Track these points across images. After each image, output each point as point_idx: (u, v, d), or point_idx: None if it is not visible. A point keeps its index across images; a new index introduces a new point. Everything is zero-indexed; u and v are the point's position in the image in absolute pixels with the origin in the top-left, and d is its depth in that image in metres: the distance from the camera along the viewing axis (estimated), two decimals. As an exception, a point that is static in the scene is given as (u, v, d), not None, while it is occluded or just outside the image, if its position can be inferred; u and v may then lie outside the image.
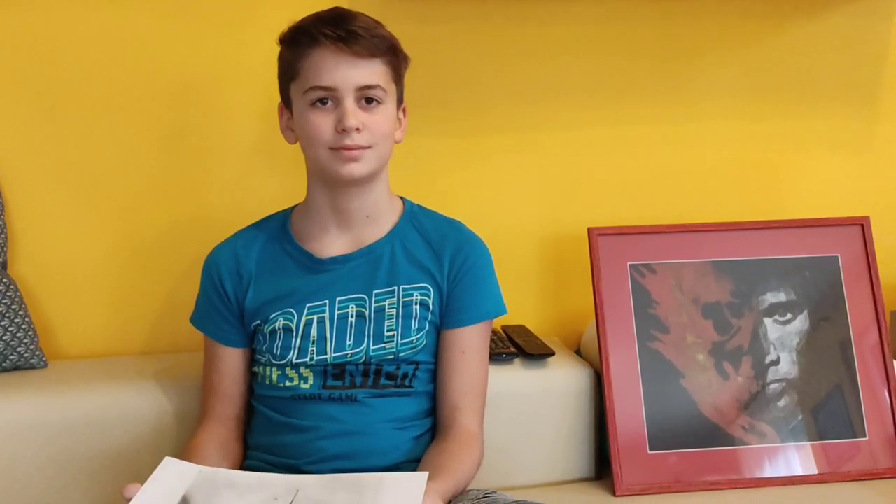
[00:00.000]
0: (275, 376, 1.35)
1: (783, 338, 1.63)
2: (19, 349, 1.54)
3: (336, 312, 1.34)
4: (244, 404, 1.40)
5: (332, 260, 1.36)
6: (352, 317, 1.34)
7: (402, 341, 1.33)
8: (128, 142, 1.66)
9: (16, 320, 1.54)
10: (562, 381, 1.59)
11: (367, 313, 1.34)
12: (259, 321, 1.36)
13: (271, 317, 1.34)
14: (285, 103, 1.36)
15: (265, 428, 1.36)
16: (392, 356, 1.33)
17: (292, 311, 1.34)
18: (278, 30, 1.34)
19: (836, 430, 1.59)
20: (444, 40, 1.72)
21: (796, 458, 1.57)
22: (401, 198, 1.42)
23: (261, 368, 1.37)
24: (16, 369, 1.56)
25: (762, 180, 1.87)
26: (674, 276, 1.63)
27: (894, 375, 1.62)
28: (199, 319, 1.42)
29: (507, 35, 1.75)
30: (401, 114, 1.38)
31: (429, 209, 1.43)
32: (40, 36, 1.61)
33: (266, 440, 1.36)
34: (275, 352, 1.34)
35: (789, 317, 1.64)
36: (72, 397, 1.47)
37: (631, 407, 1.56)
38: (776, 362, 1.61)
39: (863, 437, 1.59)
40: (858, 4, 1.83)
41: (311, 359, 1.33)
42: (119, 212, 1.67)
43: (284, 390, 1.34)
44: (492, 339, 1.51)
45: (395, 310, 1.33)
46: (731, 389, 1.59)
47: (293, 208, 1.42)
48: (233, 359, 1.39)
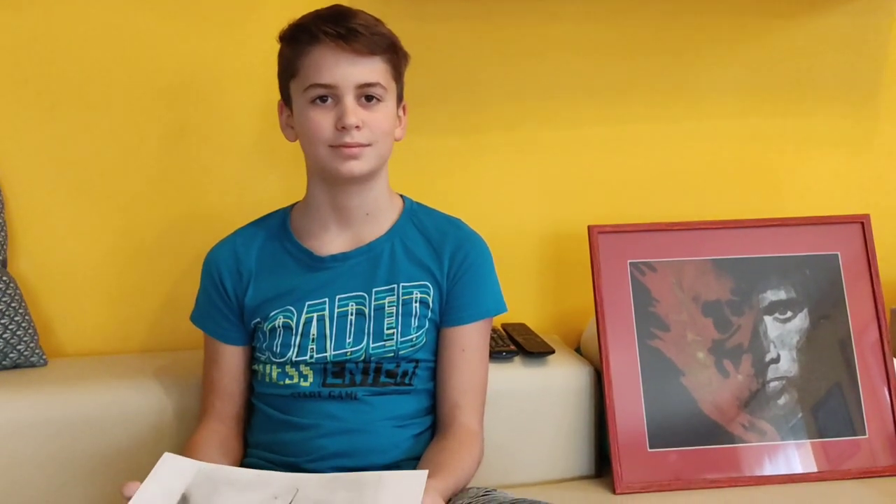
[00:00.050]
0: (274, 374, 1.35)
1: (783, 336, 1.63)
2: (19, 347, 1.54)
3: (336, 310, 1.33)
4: (244, 402, 1.40)
5: (332, 258, 1.36)
6: (352, 314, 1.34)
7: (402, 339, 1.33)
8: (128, 140, 1.66)
9: (16, 318, 1.54)
10: (562, 379, 1.59)
11: (366, 311, 1.34)
12: (259, 319, 1.36)
13: (271, 314, 1.34)
14: (285, 101, 1.36)
15: (265, 426, 1.36)
16: (392, 354, 1.33)
17: (292, 308, 1.34)
18: (278, 27, 1.34)
19: (835, 428, 1.59)
20: (444, 38, 1.72)
21: (796, 456, 1.57)
22: (401, 196, 1.42)
23: (261, 366, 1.37)
24: (16, 367, 1.56)
25: (762, 178, 1.87)
26: (674, 274, 1.63)
27: (894, 373, 1.62)
28: (199, 317, 1.42)
29: (507, 33, 1.74)
30: (401, 111, 1.38)
31: (429, 207, 1.43)
32: (40, 35, 1.61)
33: (266, 438, 1.36)
34: (274, 349, 1.34)
35: (789, 315, 1.63)
36: (72, 395, 1.47)
37: (631, 405, 1.56)
38: (776, 360, 1.61)
39: (863, 435, 1.59)
40: (858, 3, 1.83)
41: (311, 357, 1.33)
42: (119, 210, 1.67)
43: (284, 388, 1.34)
44: (492, 337, 1.50)
45: (394, 308, 1.33)
46: (731, 387, 1.59)
47: (293, 206, 1.42)
48: (233, 357, 1.39)
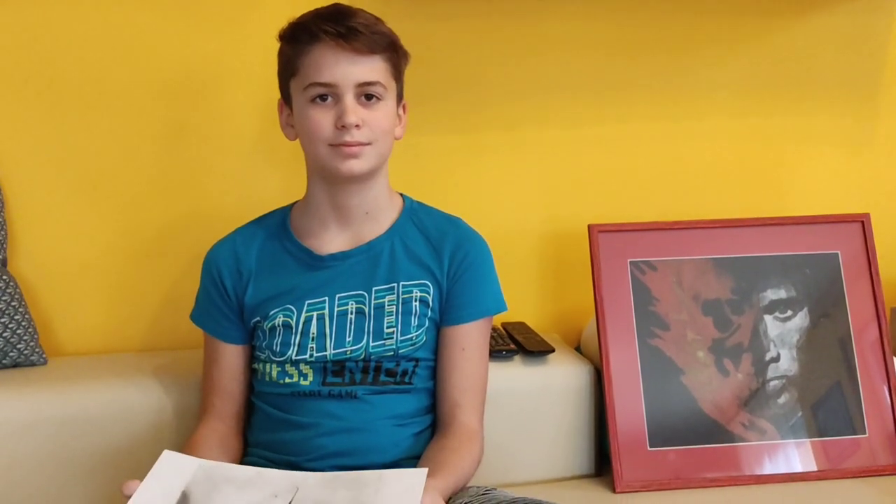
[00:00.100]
0: (274, 373, 1.35)
1: (783, 335, 1.63)
2: (19, 346, 1.54)
3: (336, 309, 1.33)
4: (244, 401, 1.40)
5: (332, 257, 1.36)
6: (351, 313, 1.34)
7: (402, 338, 1.33)
8: (128, 139, 1.66)
9: (15, 317, 1.54)
10: (562, 377, 1.58)
11: (366, 310, 1.34)
12: (259, 318, 1.36)
13: (271, 313, 1.34)
14: (285, 100, 1.36)
15: (265, 425, 1.36)
16: (392, 353, 1.33)
17: (292, 307, 1.34)
18: (278, 26, 1.34)
19: (835, 427, 1.59)
20: (444, 37, 1.72)
21: (796, 455, 1.57)
22: (400, 194, 1.42)
23: (260, 365, 1.37)
24: (15, 366, 1.56)
25: (762, 177, 1.86)
26: (674, 273, 1.63)
27: (894, 372, 1.62)
28: (198, 316, 1.42)
29: (507, 32, 1.74)
30: (401, 110, 1.38)
31: (429, 206, 1.43)
32: (40, 33, 1.61)
33: (266, 437, 1.36)
34: (274, 348, 1.34)
35: (789, 314, 1.63)
36: (71, 394, 1.47)
37: (631, 404, 1.56)
38: (776, 359, 1.61)
39: (863, 434, 1.59)
40: (859, 3, 1.83)
41: (311, 355, 1.33)
42: (119, 209, 1.67)
43: (284, 387, 1.34)
44: (492, 336, 1.50)
45: (394, 306, 1.33)
46: (731, 386, 1.59)
47: (293, 205, 1.42)
48: (232, 355, 1.39)
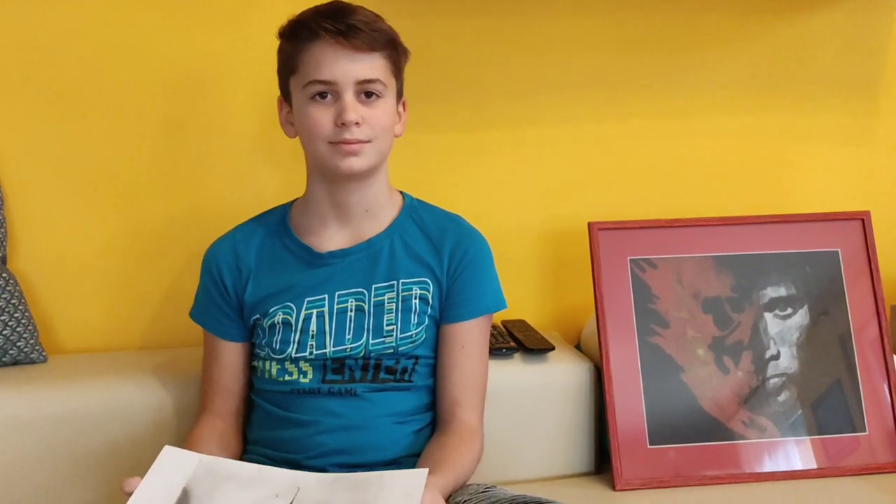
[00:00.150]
0: (274, 370, 1.35)
1: (783, 332, 1.62)
2: (19, 344, 1.54)
3: (335, 306, 1.33)
4: (243, 398, 1.40)
5: (332, 254, 1.35)
6: (351, 311, 1.33)
7: (402, 335, 1.33)
8: (128, 137, 1.66)
9: (15, 315, 1.54)
10: (562, 375, 1.58)
11: (366, 307, 1.33)
12: (258, 315, 1.36)
13: (270, 311, 1.34)
14: (285, 97, 1.36)
15: (264, 422, 1.36)
16: (391, 350, 1.33)
17: (291, 305, 1.34)
18: (278, 24, 1.34)
19: (835, 425, 1.59)
20: (444, 34, 1.72)
21: (796, 453, 1.57)
22: (400, 192, 1.42)
23: (260, 363, 1.37)
24: (15, 364, 1.56)
25: (762, 175, 1.86)
26: (674, 271, 1.63)
27: (894, 370, 1.62)
28: (198, 314, 1.42)
29: (507, 29, 1.74)
30: (400, 108, 1.38)
31: (428, 203, 1.42)
32: (40, 31, 1.61)
33: (265, 434, 1.36)
34: (274, 346, 1.34)
35: (789, 311, 1.63)
36: (71, 392, 1.47)
37: (631, 401, 1.56)
38: (776, 357, 1.61)
39: (862, 432, 1.59)
40: (859, 1, 1.82)
41: (311, 353, 1.33)
42: (119, 207, 1.67)
43: (284, 384, 1.34)
44: (492, 334, 1.50)
45: (394, 304, 1.33)
46: (731, 384, 1.59)
47: (292, 202, 1.42)
48: (232, 353, 1.39)
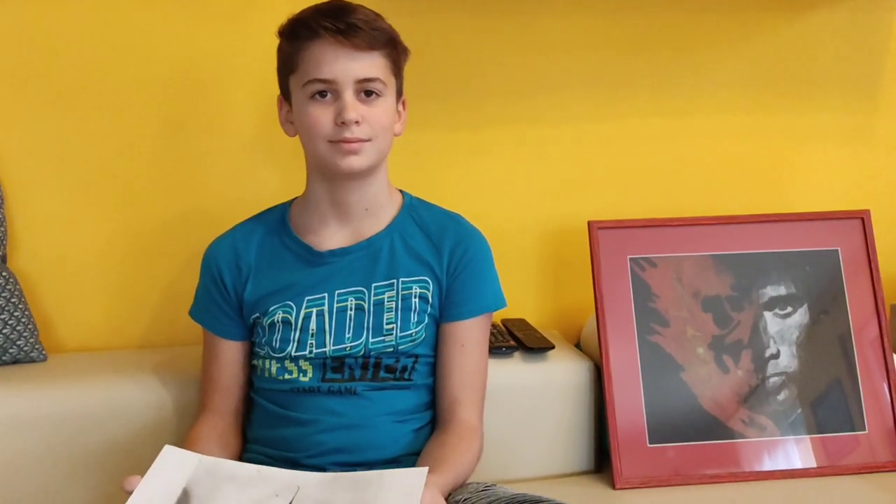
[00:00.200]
0: (274, 369, 1.35)
1: (783, 331, 1.63)
2: (19, 342, 1.54)
3: (335, 305, 1.33)
4: (243, 397, 1.40)
5: (331, 253, 1.35)
6: (351, 310, 1.33)
7: (402, 334, 1.33)
8: (128, 135, 1.66)
9: (15, 314, 1.54)
10: (561, 374, 1.58)
11: (366, 306, 1.33)
12: (258, 314, 1.36)
13: (270, 309, 1.34)
14: (284, 96, 1.36)
15: (264, 421, 1.36)
16: (391, 349, 1.33)
17: (291, 303, 1.34)
18: (277, 22, 1.34)
19: (835, 424, 1.59)
20: (444, 33, 1.72)
21: (796, 452, 1.57)
22: (400, 191, 1.42)
23: (260, 361, 1.37)
24: (15, 363, 1.56)
25: (762, 174, 1.86)
26: (674, 270, 1.63)
27: (894, 369, 1.62)
28: (198, 313, 1.42)
29: (507, 28, 1.74)
30: (400, 107, 1.38)
31: (428, 202, 1.42)
32: (40, 30, 1.61)
33: (265, 433, 1.36)
34: (274, 345, 1.34)
35: (789, 310, 1.63)
36: (71, 390, 1.47)
37: (631, 400, 1.56)
38: (776, 356, 1.61)
39: (862, 431, 1.59)
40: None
41: (310, 351, 1.33)
42: (118, 205, 1.67)
43: (283, 383, 1.34)
44: (491, 333, 1.50)
45: (394, 303, 1.33)
46: (730, 383, 1.59)
47: (292, 201, 1.42)
48: (232, 352, 1.39)
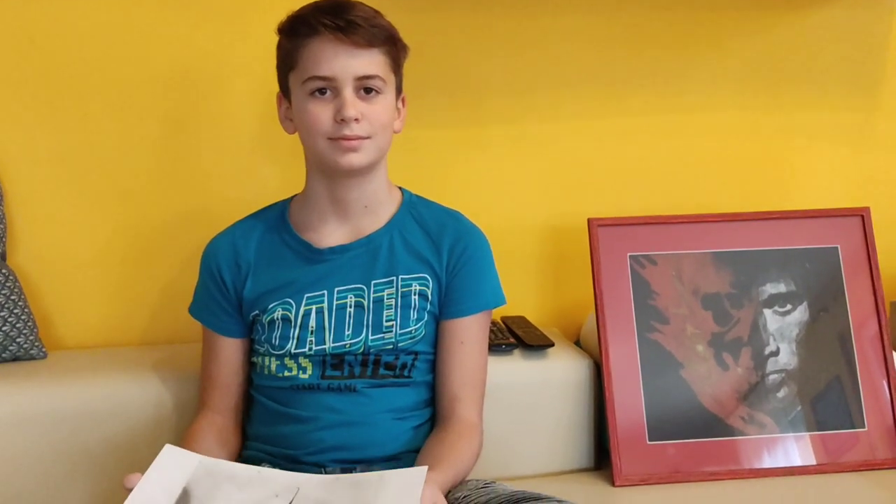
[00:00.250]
0: (273, 366, 1.35)
1: (783, 329, 1.62)
2: (19, 340, 1.54)
3: (334, 302, 1.33)
4: (242, 394, 1.40)
5: (331, 250, 1.35)
6: (350, 307, 1.33)
7: (401, 331, 1.33)
8: (127, 132, 1.66)
9: (15, 311, 1.54)
10: (561, 371, 1.59)
11: (365, 303, 1.33)
12: (258, 311, 1.36)
13: (270, 307, 1.34)
14: (284, 93, 1.36)
15: (264, 418, 1.36)
16: (391, 346, 1.33)
17: (291, 301, 1.34)
18: (277, 19, 1.34)
19: (835, 421, 1.59)
20: (443, 30, 1.72)
21: (795, 449, 1.57)
22: (400, 188, 1.42)
23: (259, 358, 1.37)
24: (15, 360, 1.56)
25: (762, 171, 1.86)
26: (674, 267, 1.63)
27: (893, 366, 1.62)
28: (197, 310, 1.42)
29: (507, 25, 1.74)
30: (400, 104, 1.37)
31: (428, 199, 1.42)
32: (40, 26, 1.61)
33: (265, 430, 1.36)
34: (273, 342, 1.34)
35: (789, 308, 1.63)
36: (71, 388, 1.47)
37: (630, 398, 1.56)
38: (776, 353, 1.61)
39: (862, 428, 1.59)
40: (860, -3, 1.83)
41: (310, 349, 1.33)
42: (118, 203, 1.67)
43: (283, 380, 1.34)
44: (491, 330, 1.50)
45: (393, 300, 1.33)
46: (730, 380, 1.59)
47: (292, 198, 1.42)
48: (231, 349, 1.39)
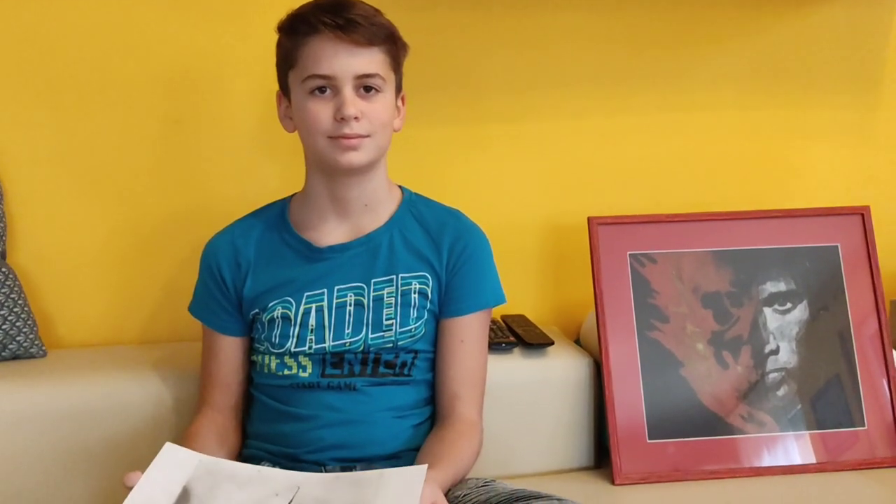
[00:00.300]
0: (273, 365, 1.35)
1: (783, 327, 1.62)
2: (18, 338, 1.54)
3: (334, 301, 1.33)
4: (242, 393, 1.40)
5: (331, 249, 1.35)
6: (350, 305, 1.33)
7: (401, 330, 1.33)
8: (127, 131, 1.66)
9: (15, 310, 1.54)
10: (561, 370, 1.59)
11: (365, 302, 1.33)
12: (257, 310, 1.36)
13: (269, 305, 1.34)
14: (283, 91, 1.36)
15: (264, 416, 1.36)
16: (391, 345, 1.33)
17: (290, 299, 1.34)
18: (277, 18, 1.34)
19: (834, 420, 1.59)
20: (443, 28, 1.72)
21: (795, 448, 1.57)
22: (399, 187, 1.42)
23: (259, 357, 1.37)
24: (15, 359, 1.56)
25: (763, 170, 1.86)
26: (674, 266, 1.63)
27: (893, 365, 1.62)
28: (197, 308, 1.42)
29: (507, 23, 1.74)
30: (399, 102, 1.37)
31: (428, 198, 1.42)
32: (40, 25, 1.61)
33: (265, 429, 1.36)
34: (273, 340, 1.34)
35: (789, 306, 1.63)
36: (71, 386, 1.47)
37: (630, 396, 1.56)
38: (775, 352, 1.61)
39: (861, 427, 1.59)
40: (860, -6, 1.83)
41: (310, 347, 1.33)
42: (118, 201, 1.67)
43: (283, 379, 1.34)
44: (491, 329, 1.50)
45: (393, 298, 1.33)
46: (730, 379, 1.59)
47: (291, 197, 1.42)
48: (231, 348, 1.39)
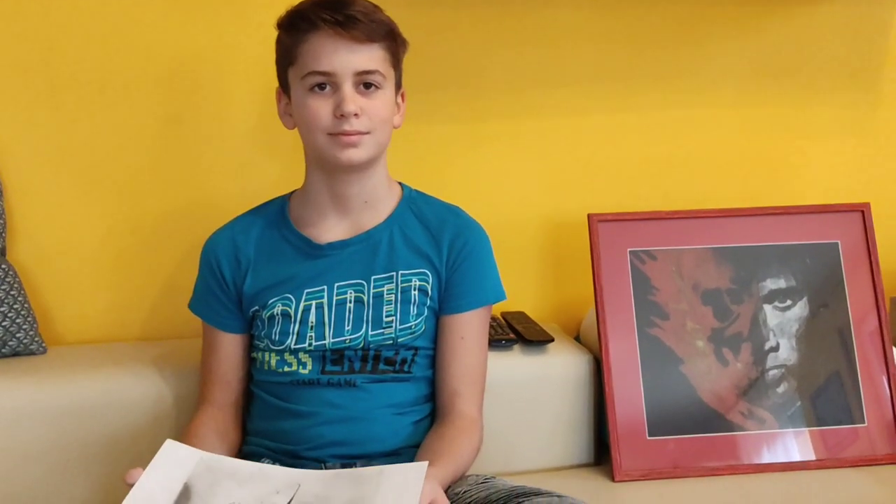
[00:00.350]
0: (273, 362, 1.35)
1: (783, 324, 1.63)
2: (18, 335, 1.54)
3: (334, 298, 1.33)
4: (242, 390, 1.40)
5: (331, 245, 1.35)
6: (350, 302, 1.33)
7: (401, 327, 1.33)
8: (127, 127, 1.65)
9: (15, 306, 1.54)
10: (561, 367, 1.59)
11: (365, 299, 1.33)
12: (257, 307, 1.36)
13: (269, 302, 1.34)
14: (283, 88, 1.36)
15: (264, 413, 1.36)
16: (391, 341, 1.33)
17: (290, 296, 1.34)
18: (276, 15, 1.33)
19: (834, 417, 1.59)
20: (443, 25, 1.71)
21: (795, 445, 1.57)
22: (399, 183, 1.42)
23: (259, 354, 1.37)
24: (15, 355, 1.56)
25: (763, 166, 1.86)
26: (674, 263, 1.63)
27: (893, 362, 1.62)
28: (197, 305, 1.42)
29: (507, 21, 1.74)
30: (399, 99, 1.37)
31: (428, 195, 1.42)
32: (40, 21, 1.60)
33: (265, 426, 1.36)
34: (273, 337, 1.34)
35: (789, 303, 1.63)
36: (71, 383, 1.47)
37: (630, 393, 1.56)
38: (775, 349, 1.61)
39: (861, 424, 1.59)
40: (860, -8, 1.83)
41: (310, 344, 1.33)
42: (118, 198, 1.67)
43: (283, 375, 1.34)
44: (491, 326, 1.50)
45: (393, 295, 1.33)
46: (730, 376, 1.59)
47: (291, 194, 1.42)
48: (231, 345, 1.39)
